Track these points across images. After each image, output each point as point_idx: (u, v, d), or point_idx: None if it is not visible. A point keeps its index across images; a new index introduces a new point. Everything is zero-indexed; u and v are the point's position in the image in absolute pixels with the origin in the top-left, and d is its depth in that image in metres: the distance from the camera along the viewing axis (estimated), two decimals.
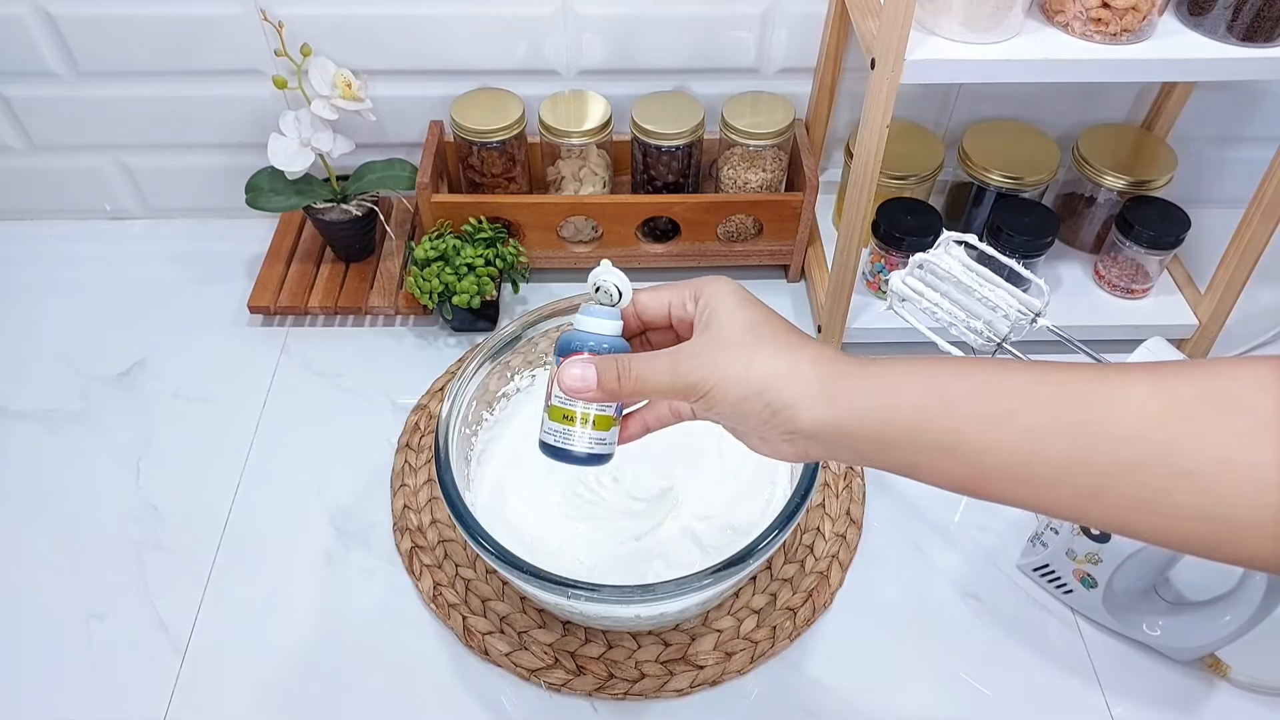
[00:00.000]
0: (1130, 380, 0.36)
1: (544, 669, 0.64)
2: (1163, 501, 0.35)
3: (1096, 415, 0.36)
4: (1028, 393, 0.38)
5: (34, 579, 0.69)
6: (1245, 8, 0.66)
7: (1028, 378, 0.38)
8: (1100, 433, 0.36)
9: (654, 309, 0.48)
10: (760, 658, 0.64)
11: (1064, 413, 0.37)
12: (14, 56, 0.84)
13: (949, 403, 0.39)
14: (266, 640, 0.66)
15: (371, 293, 0.88)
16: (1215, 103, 0.92)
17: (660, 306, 0.48)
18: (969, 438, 0.38)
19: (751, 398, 0.42)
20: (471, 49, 0.86)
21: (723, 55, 0.88)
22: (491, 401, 0.71)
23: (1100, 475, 0.36)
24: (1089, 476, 0.36)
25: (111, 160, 0.93)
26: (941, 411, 0.39)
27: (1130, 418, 0.35)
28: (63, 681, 0.64)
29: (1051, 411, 0.37)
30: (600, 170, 0.90)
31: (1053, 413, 0.37)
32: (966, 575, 0.70)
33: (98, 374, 0.83)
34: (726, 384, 0.42)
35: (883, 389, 0.40)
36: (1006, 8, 0.65)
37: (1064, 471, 0.37)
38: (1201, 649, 0.63)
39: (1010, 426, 0.37)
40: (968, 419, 0.38)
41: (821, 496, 0.73)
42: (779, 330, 0.43)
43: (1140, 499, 0.35)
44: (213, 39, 0.83)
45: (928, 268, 0.71)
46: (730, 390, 0.42)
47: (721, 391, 0.42)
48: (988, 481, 0.39)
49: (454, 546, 0.70)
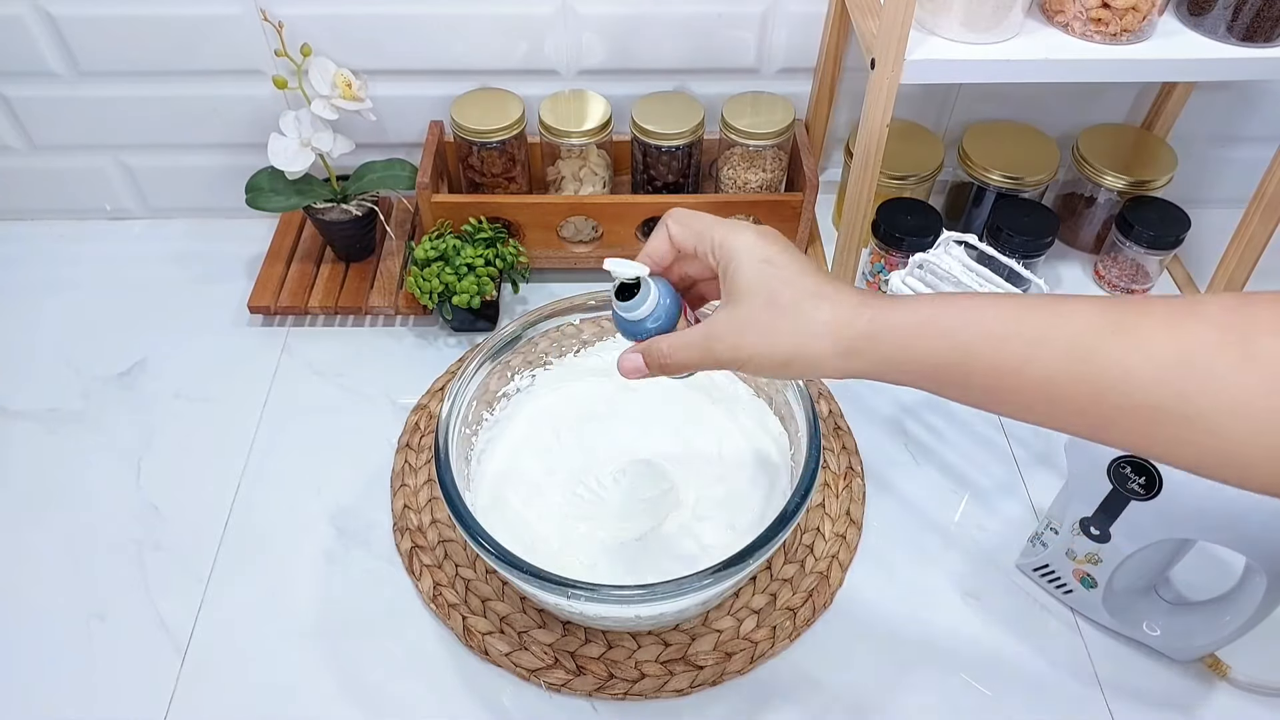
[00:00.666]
0: (1145, 326, 0.37)
1: (544, 669, 0.64)
2: (1173, 438, 0.37)
3: (1111, 364, 0.38)
4: (1042, 341, 0.39)
5: (34, 579, 0.69)
6: (1245, 8, 0.66)
7: (1044, 323, 0.40)
8: (1114, 379, 0.38)
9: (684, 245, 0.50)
10: (760, 658, 0.64)
11: (1078, 362, 0.38)
12: (14, 56, 0.84)
13: (966, 356, 0.41)
14: (266, 640, 0.66)
15: (371, 293, 0.88)
16: (1215, 103, 0.92)
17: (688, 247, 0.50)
18: (985, 383, 0.41)
19: (780, 368, 0.46)
20: (471, 49, 0.86)
21: (723, 55, 0.88)
22: (491, 401, 0.71)
23: (1113, 414, 0.38)
24: (1101, 415, 0.39)
25: (111, 160, 0.93)
26: (958, 363, 0.41)
27: (1144, 367, 0.37)
28: (63, 681, 0.64)
29: (1067, 360, 0.39)
30: (600, 170, 0.90)
31: (1068, 361, 0.39)
32: (966, 575, 0.70)
33: (98, 374, 0.83)
34: (755, 359, 0.46)
35: (901, 347, 0.43)
36: (1006, 8, 0.66)
37: (1078, 410, 0.39)
38: (1201, 649, 0.63)
39: (1025, 374, 0.40)
40: (984, 369, 0.41)
41: (821, 496, 0.73)
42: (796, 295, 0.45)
43: (1151, 434, 0.38)
44: (213, 39, 0.84)
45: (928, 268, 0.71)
46: (759, 364, 0.46)
47: (752, 365, 0.46)
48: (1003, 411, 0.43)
49: (454, 546, 0.70)
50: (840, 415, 0.80)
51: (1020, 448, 0.78)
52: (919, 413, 0.81)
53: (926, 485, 0.76)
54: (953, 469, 0.77)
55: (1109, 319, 0.38)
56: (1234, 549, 0.56)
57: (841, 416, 0.80)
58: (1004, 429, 0.79)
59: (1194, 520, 0.56)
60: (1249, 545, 0.56)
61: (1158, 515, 0.57)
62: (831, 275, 0.47)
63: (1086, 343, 0.38)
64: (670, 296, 0.50)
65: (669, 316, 0.50)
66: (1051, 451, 0.78)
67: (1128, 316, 0.38)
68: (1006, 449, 0.78)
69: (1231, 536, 0.56)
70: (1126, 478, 0.57)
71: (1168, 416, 0.37)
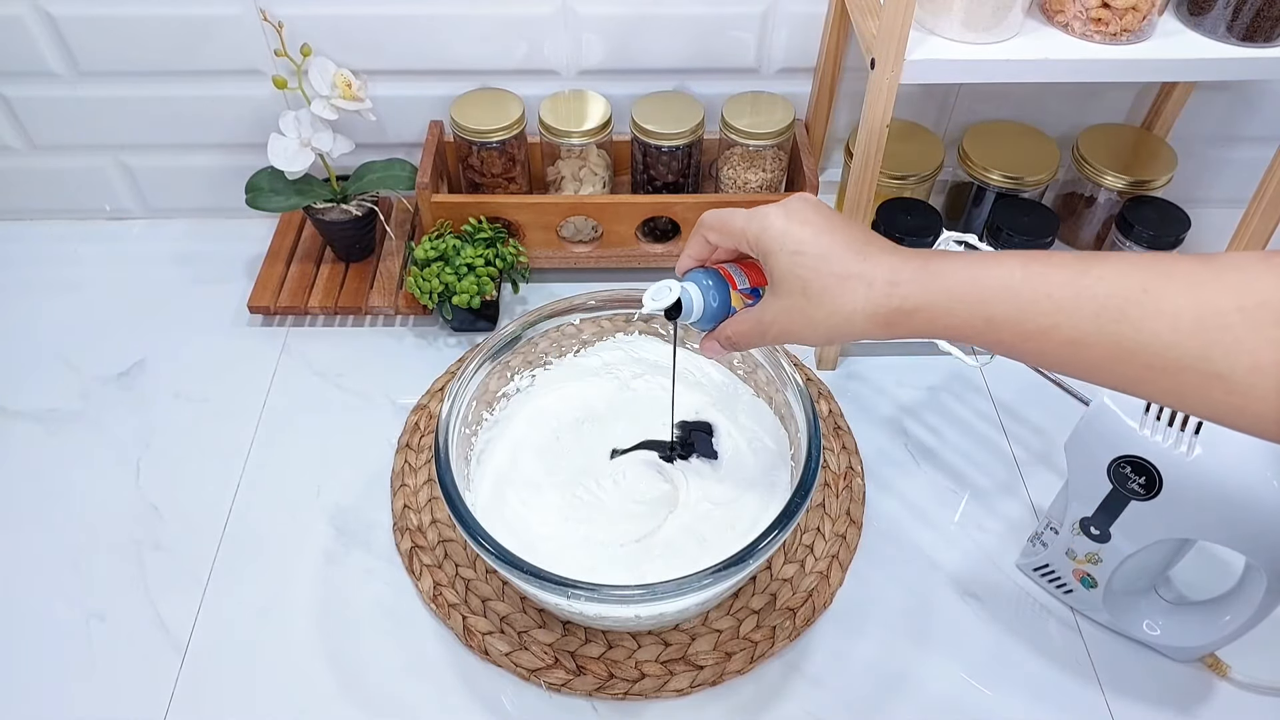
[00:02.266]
0: (1170, 290, 0.39)
1: (544, 669, 0.64)
2: (1194, 396, 0.39)
3: (1136, 327, 0.39)
4: (1070, 307, 0.41)
5: (34, 579, 0.69)
6: (1245, 8, 0.66)
7: (1071, 289, 0.41)
8: (1139, 342, 0.39)
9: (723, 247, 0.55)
10: (760, 658, 0.64)
11: (1105, 324, 0.40)
12: (14, 56, 0.84)
13: (994, 323, 0.44)
14: (266, 640, 0.66)
15: (371, 293, 0.88)
16: (1215, 102, 0.92)
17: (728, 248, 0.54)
18: (1014, 347, 0.44)
19: (827, 342, 0.53)
20: (471, 49, 0.86)
21: (723, 55, 0.88)
22: (491, 401, 0.71)
23: (1138, 373, 0.40)
24: (1126, 374, 0.41)
25: (111, 160, 0.93)
26: (987, 329, 0.44)
27: (1168, 330, 0.39)
28: (63, 681, 0.64)
29: (1094, 324, 0.40)
30: (600, 170, 0.90)
31: (1095, 324, 0.40)
32: (966, 575, 0.70)
33: (98, 374, 0.83)
34: (803, 337, 0.51)
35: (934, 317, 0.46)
36: (1006, 8, 0.65)
37: (1103, 369, 0.41)
38: (1201, 649, 0.63)
39: (1052, 339, 0.42)
40: (1012, 336, 0.43)
41: (821, 496, 0.73)
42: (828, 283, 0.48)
43: (1174, 391, 0.40)
44: (213, 39, 0.84)
45: None
46: (807, 340, 0.51)
47: (801, 341, 0.51)
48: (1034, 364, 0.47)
49: (454, 546, 0.70)
50: (840, 415, 0.80)
51: (1020, 448, 0.78)
52: (919, 413, 0.81)
53: (926, 485, 0.76)
54: (953, 469, 0.77)
55: (1135, 281, 0.40)
56: (1234, 549, 0.56)
57: (841, 416, 0.80)
58: (1004, 429, 0.79)
59: (1194, 520, 0.56)
60: (1249, 545, 0.56)
61: (1158, 515, 0.57)
62: (862, 240, 0.49)
63: (1115, 306, 0.40)
64: (712, 291, 0.54)
65: (715, 314, 0.54)
66: (1051, 451, 0.78)
67: (1152, 279, 0.40)
68: (1006, 449, 0.78)
69: (1231, 536, 0.56)
70: (1126, 478, 0.57)
71: (1195, 375, 0.38)
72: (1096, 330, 0.40)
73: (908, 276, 0.46)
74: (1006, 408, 0.81)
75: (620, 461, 0.70)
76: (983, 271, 0.44)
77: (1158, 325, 0.39)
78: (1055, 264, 0.42)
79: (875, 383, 0.83)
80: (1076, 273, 0.41)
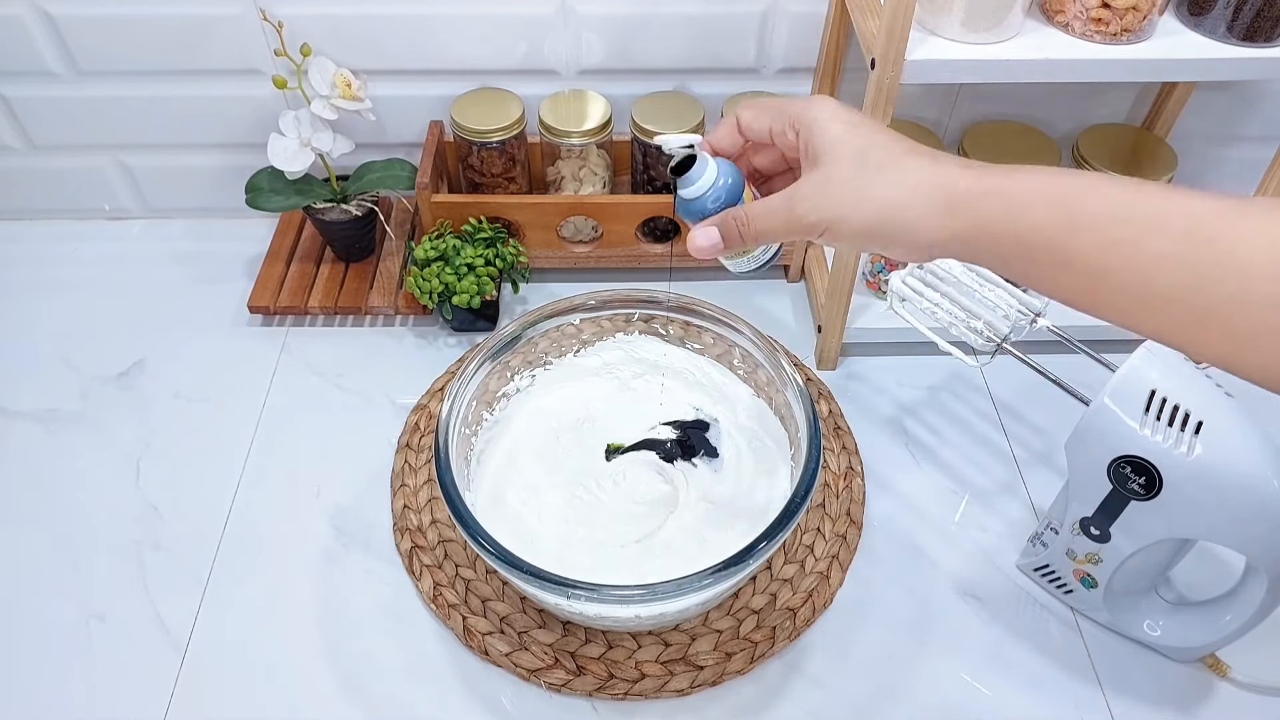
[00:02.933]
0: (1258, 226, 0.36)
1: (544, 669, 0.64)
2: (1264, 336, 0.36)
3: (1218, 250, 0.37)
4: (1158, 221, 0.38)
5: (34, 579, 0.69)
6: (1245, 8, 0.66)
7: (1161, 205, 0.38)
8: (1217, 266, 0.37)
9: (756, 130, 0.48)
10: (760, 658, 0.64)
11: (1190, 245, 0.37)
12: (14, 56, 0.84)
13: (1076, 225, 0.39)
14: (266, 640, 0.66)
15: (371, 293, 0.88)
16: (1215, 102, 0.92)
17: (762, 130, 0.48)
18: (1091, 259, 0.39)
19: (870, 230, 0.43)
20: (471, 49, 0.86)
21: (723, 55, 0.88)
22: (491, 401, 0.71)
23: (1209, 304, 0.37)
24: (1197, 306, 0.37)
25: (111, 160, 0.93)
26: (1067, 233, 0.39)
27: (1247, 257, 0.36)
28: (63, 681, 0.64)
29: (1181, 244, 0.37)
30: (600, 170, 0.90)
31: (1181, 245, 0.37)
32: (966, 575, 0.70)
33: (98, 374, 0.83)
34: (843, 221, 0.43)
35: (1010, 206, 0.40)
36: (1007, 8, 0.65)
37: (1175, 299, 0.38)
38: (1201, 649, 0.63)
39: (1134, 253, 0.38)
40: (1093, 243, 0.39)
41: (821, 496, 0.73)
42: (890, 154, 0.43)
43: (1241, 331, 0.36)
44: (213, 39, 0.83)
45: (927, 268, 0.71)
46: (847, 226, 0.43)
47: (839, 227, 0.43)
48: (1099, 299, 0.40)
49: (454, 546, 0.70)
50: (840, 415, 0.80)
51: (1020, 448, 0.78)
52: (919, 413, 0.81)
53: (926, 485, 0.76)
54: (953, 469, 0.77)
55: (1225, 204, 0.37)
56: (1234, 549, 0.56)
57: (841, 416, 0.80)
58: (1004, 429, 0.79)
59: (1194, 520, 0.56)
60: (1249, 545, 0.56)
61: (1158, 515, 0.57)
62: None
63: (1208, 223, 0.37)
64: (732, 176, 0.47)
65: (730, 195, 0.47)
66: (1051, 451, 0.78)
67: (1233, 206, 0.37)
68: (1007, 449, 0.78)
69: (1231, 536, 0.56)
70: (1126, 478, 0.57)
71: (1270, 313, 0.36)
72: (1177, 250, 0.37)
73: (980, 165, 0.42)
74: (1007, 407, 0.81)
75: (620, 462, 0.70)
76: (1065, 175, 0.40)
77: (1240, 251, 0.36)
78: (1142, 184, 0.39)
79: (875, 382, 0.83)
80: (1165, 196, 0.38)
